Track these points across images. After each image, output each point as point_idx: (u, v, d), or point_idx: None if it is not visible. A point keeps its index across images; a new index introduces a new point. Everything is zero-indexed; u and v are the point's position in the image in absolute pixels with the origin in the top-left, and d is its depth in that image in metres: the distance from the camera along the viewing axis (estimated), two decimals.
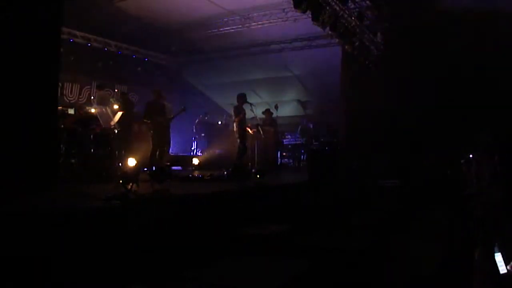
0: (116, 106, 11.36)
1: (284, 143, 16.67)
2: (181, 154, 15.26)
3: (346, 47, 14.48)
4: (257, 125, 13.55)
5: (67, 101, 14.19)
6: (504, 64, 12.43)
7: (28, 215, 4.40)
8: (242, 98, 12.19)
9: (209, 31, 16.29)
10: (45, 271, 4.08)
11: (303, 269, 5.34)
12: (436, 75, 13.69)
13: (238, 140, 12.15)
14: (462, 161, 9.05)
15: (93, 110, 11.09)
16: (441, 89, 13.50)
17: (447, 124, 13.23)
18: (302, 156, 16.13)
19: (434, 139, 13.20)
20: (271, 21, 15.14)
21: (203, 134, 15.88)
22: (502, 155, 8.09)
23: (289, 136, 16.96)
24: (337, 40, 14.46)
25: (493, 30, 12.68)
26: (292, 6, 11.65)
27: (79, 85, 15.27)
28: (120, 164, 9.66)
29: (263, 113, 15.12)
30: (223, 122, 16.82)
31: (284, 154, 16.80)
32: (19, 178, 6.01)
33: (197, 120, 16.22)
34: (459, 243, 7.26)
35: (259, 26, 15.47)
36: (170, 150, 12.81)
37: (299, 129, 16.79)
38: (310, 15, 12.08)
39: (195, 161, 14.52)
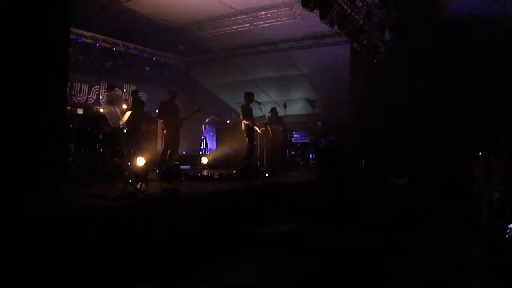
0: (125, 106, 11.39)
1: (293, 141, 16.64)
2: (190, 153, 15.28)
3: (354, 45, 14.46)
4: (266, 124, 13.52)
5: (76, 101, 14.25)
6: None
7: (37, 215, 4.43)
8: (249, 97, 12.17)
9: (217, 30, 16.31)
10: (55, 271, 4.10)
11: (313, 268, 5.33)
12: (445, 73, 13.62)
13: (246, 139, 12.13)
14: (477, 157, 9.02)
15: (101, 110, 11.14)
16: (451, 88, 13.43)
17: (456, 122, 13.16)
18: (310, 155, 16.10)
19: (444, 138, 13.14)
20: (279, 20, 15.13)
21: (211, 133, 15.89)
22: (510, 155, 8.06)
23: (297, 135, 16.94)
24: (345, 38, 14.44)
25: (499, 29, 12.61)
26: (300, 4, 11.65)
27: (87, 85, 15.34)
28: (129, 163, 9.69)
29: (269, 112, 15.14)
30: (232, 121, 16.83)
31: (292, 152, 16.76)
32: (27, 178, 6.04)
33: (206, 120, 16.24)
34: (468, 241, 7.24)
35: (267, 24, 15.46)
36: (179, 150, 12.84)
37: (307, 127, 16.76)
38: (318, 14, 12.07)
39: (204, 160, 14.53)
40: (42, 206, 5.05)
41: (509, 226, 6.43)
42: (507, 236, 6.28)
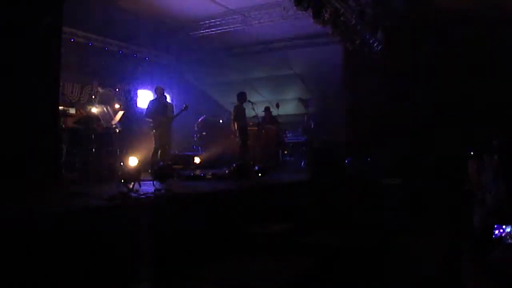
0: (117, 105, 11.35)
1: (286, 141, 16.63)
2: (182, 153, 15.22)
3: (347, 45, 14.47)
4: (258, 123, 13.53)
5: (68, 100, 14.16)
6: (505, 63, 12.41)
7: (29, 214, 4.40)
8: (242, 97, 12.17)
9: (210, 30, 16.28)
10: (47, 271, 4.08)
11: (306, 268, 5.34)
12: (437, 73, 13.66)
13: (240, 139, 12.13)
14: (470, 157, 9.05)
15: (94, 110, 11.10)
16: (443, 87, 13.48)
17: (448, 122, 13.20)
18: (303, 155, 16.09)
19: (438, 137, 13.18)
20: (272, 19, 15.11)
21: (204, 133, 15.83)
22: (502, 155, 8.09)
23: (290, 135, 16.93)
24: (338, 38, 14.46)
25: (494, 29, 12.65)
26: (293, 4, 11.66)
27: (80, 85, 15.24)
28: (121, 163, 9.65)
29: (263, 111, 15.13)
30: (224, 120, 16.79)
31: (285, 152, 16.76)
32: (20, 177, 6.01)
33: (199, 119, 16.21)
34: (462, 241, 7.27)
35: (260, 24, 15.43)
36: (172, 149, 12.82)
37: (300, 127, 16.77)
38: (311, 13, 12.08)
39: (197, 159, 14.51)
40: (35, 205, 5.02)
41: (496, 226, 6.46)
42: (495, 236, 6.30)
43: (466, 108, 12.88)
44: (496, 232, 6.14)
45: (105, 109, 10.48)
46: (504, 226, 6.10)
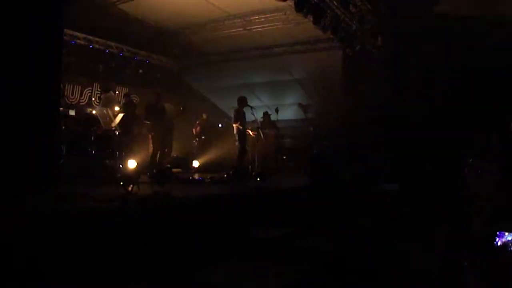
0: (117, 108, 11.37)
1: (285, 146, 16.65)
2: (181, 156, 15.25)
3: (347, 50, 14.51)
4: (258, 128, 13.53)
5: (68, 102, 14.19)
6: (505, 67, 12.43)
7: (29, 215, 4.41)
8: (242, 101, 12.17)
9: (211, 34, 16.30)
10: (46, 271, 4.08)
11: (304, 272, 5.34)
12: (436, 78, 13.69)
13: (239, 143, 12.12)
14: (466, 163, 9.05)
15: (94, 112, 11.12)
16: (442, 92, 13.50)
17: (448, 126, 13.21)
18: (302, 159, 16.09)
19: (435, 142, 13.18)
20: (273, 24, 15.14)
21: (203, 137, 15.87)
22: (501, 161, 8.08)
23: (289, 140, 16.94)
24: (338, 43, 14.49)
25: (493, 34, 12.69)
26: (294, 10, 11.69)
27: (80, 87, 15.28)
28: (120, 165, 9.67)
29: (262, 117, 15.13)
30: (224, 124, 16.81)
31: (284, 157, 16.77)
32: (20, 178, 6.01)
33: (197, 122, 16.24)
34: (460, 247, 7.27)
35: (261, 29, 15.47)
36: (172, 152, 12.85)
37: (299, 132, 16.77)
38: (311, 19, 12.11)
39: (196, 163, 14.52)
40: (34, 206, 5.03)
41: (498, 233, 6.46)
42: (498, 243, 6.30)
43: (465, 114, 12.89)
44: (498, 239, 6.14)
45: (105, 111, 10.50)
46: (506, 234, 6.10)
